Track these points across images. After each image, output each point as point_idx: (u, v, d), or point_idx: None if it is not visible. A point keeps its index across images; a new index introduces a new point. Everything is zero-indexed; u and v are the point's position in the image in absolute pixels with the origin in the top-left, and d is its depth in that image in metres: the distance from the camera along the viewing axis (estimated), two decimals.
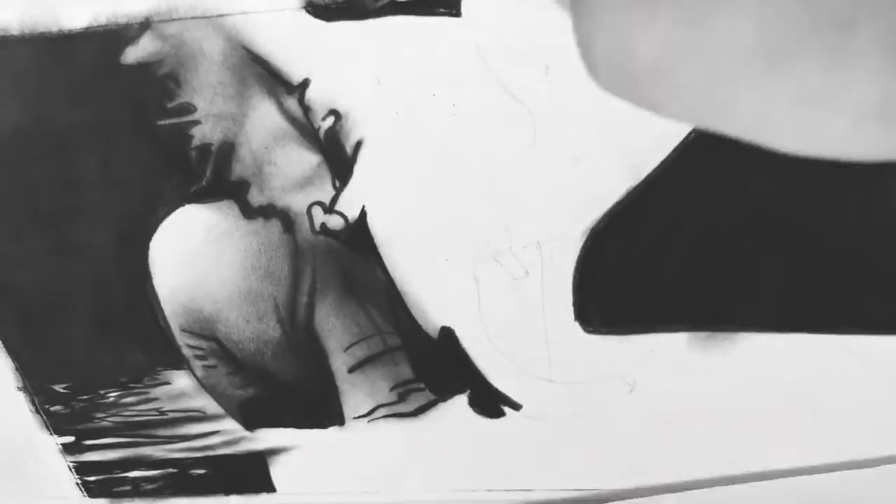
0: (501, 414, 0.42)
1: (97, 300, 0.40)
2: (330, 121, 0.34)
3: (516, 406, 0.41)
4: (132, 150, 0.36)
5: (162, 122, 0.35)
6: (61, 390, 0.44)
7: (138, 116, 0.35)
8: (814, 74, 0.16)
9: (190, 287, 0.39)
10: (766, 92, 0.16)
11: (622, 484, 0.44)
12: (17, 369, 0.44)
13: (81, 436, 0.46)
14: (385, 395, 0.42)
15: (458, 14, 0.31)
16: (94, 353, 0.42)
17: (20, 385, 0.44)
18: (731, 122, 0.17)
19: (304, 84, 0.33)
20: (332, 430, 0.44)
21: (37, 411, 0.45)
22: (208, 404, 0.44)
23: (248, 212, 0.37)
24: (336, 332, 0.40)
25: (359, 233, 0.37)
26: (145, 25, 0.33)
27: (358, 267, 0.38)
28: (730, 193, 0.34)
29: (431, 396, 0.42)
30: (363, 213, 0.36)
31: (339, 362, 0.41)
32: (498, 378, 0.41)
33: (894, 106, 0.16)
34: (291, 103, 0.34)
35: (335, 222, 0.37)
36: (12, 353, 0.43)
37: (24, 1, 0.32)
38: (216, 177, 0.36)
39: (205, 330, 0.41)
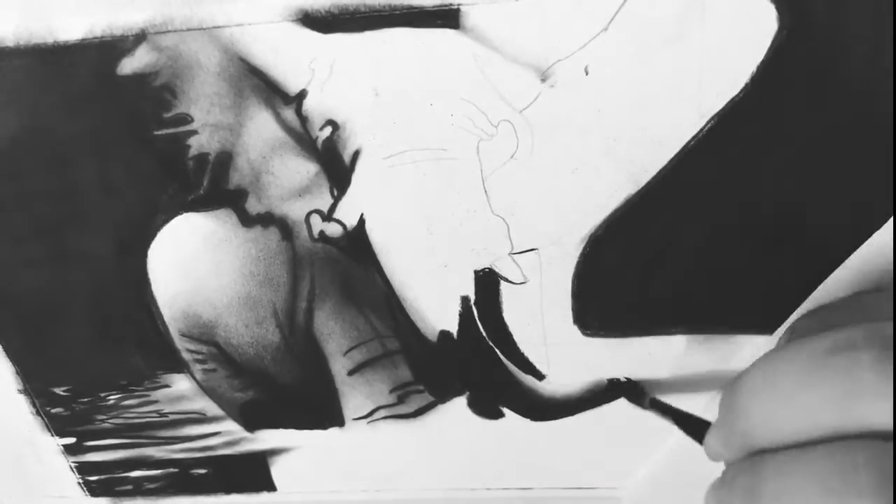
0: (500, 415, 0.42)
1: (96, 306, 0.40)
2: (328, 131, 0.34)
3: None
4: (129, 159, 0.35)
5: (159, 132, 0.35)
6: (62, 393, 0.44)
7: (135, 126, 0.35)
8: None
9: (188, 293, 0.39)
10: None
11: (620, 483, 0.44)
12: (17, 373, 0.44)
13: (82, 437, 0.47)
14: (385, 397, 0.42)
15: (456, 26, 0.31)
16: (94, 357, 0.43)
17: (21, 388, 0.45)
18: None
19: (302, 95, 0.33)
20: (333, 431, 0.44)
21: (38, 413, 0.46)
22: (208, 406, 0.44)
23: (247, 220, 0.37)
24: (335, 336, 0.40)
25: (358, 240, 0.37)
26: (141, 37, 0.32)
27: (357, 273, 0.38)
28: (728, 201, 0.34)
29: (431, 398, 0.42)
30: (362, 221, 0.36)
31: (339, 365, 0.41)
32: (497, 380, 0.41)
33: None
34: (289, 114, 0.34)
35: (334, 230, 0.37)
36: (13, 356, 0.43)
37: (19, 12, 0.32)
38: (214, 186, 0.36)
39: (204, 335, 0.41)
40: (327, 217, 0.37)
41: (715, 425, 0.29)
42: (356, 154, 0.35)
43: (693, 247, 0.35)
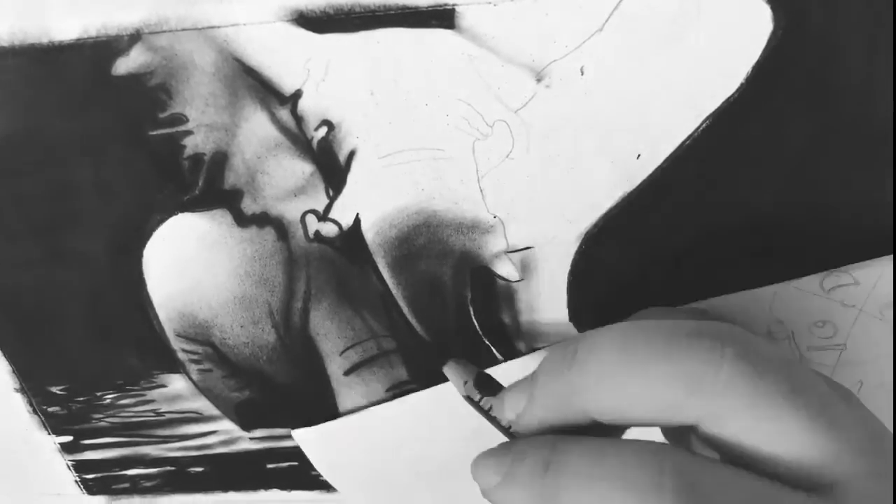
0: None
1: (92, 306, 0.40)
2: (323, 131, 0.34)
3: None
4: (124, 159, 0.35)
5: (154, 133, 0.35)
6: (58, 392, 0.44)
7: (130, 126, 0.34)
8: None
9: (184, 293, 0.39)
10: None
11: None
12: (14, 372, 0.44)
13: (79, 436, 0.47)
14: (380, 396, 0.42)
15: (451, 26, 0.31)
16: (90, 356, 0.43)
17: (17, 387, 0.44)
18: None
19: (297, 95, 0.33)
20: None
21: (34, 412, 0.46)
22: (205, 406, 0.44)
23: (242, 220, 0.37)
24: (331, 336, 0.40)
25: (353, 240, 0.37)
26: (135, 37, 0.32)
27: (352, 273, 0.38)
28: (723, 200, 0.34)
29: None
30: (357, 221, 0.36)
31: (335, 365, 0.41)
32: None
33: None
34: (284, 114, 0.34)
35: (329, 230, 0.37)
36: (9, 356, 0.43)
37: (13, 13, 0.32)
38: (209, 186, 0.36)
39: (200, 335, 0.41)
40: (323, 217, 0.36)
41: (540, 379, 0.28)
42: (351, 154, 0.35)
43: (688, 246, 0.35)
